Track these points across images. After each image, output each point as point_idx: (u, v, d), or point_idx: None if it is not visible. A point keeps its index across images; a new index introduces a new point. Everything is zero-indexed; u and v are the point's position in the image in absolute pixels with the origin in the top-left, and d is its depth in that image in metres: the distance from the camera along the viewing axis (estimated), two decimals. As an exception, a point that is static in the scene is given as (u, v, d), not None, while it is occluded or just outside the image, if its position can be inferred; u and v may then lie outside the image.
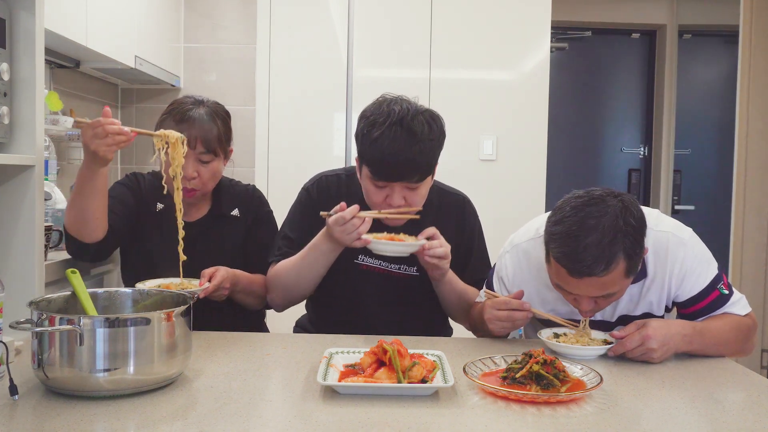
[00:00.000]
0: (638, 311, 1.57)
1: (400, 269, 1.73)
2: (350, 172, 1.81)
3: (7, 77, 1.60)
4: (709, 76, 4.65)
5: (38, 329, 1.08)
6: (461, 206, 1.81)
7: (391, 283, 1.73)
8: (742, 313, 1.52)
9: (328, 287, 1.72)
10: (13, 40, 1.63)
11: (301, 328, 1.90)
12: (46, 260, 1.82)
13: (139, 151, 3.87)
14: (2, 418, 1.01)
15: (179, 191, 1.62)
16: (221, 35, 3.82)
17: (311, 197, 1.77)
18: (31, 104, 1.64)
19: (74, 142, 3.10)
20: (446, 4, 3.31)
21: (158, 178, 1.83)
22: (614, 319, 1.59)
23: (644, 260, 1.50)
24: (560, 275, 1.40)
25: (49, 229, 1.97)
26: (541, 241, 1.50)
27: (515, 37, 3.34)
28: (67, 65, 3.01)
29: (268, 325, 2.01)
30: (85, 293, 1.27)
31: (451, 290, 1.69)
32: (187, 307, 1.19)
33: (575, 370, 1.24)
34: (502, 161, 3.34)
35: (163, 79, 3.54)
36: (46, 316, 1.09)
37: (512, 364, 1.23)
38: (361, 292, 1.73)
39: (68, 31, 2.53)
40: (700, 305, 1.52)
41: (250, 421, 1.02)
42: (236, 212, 1.84)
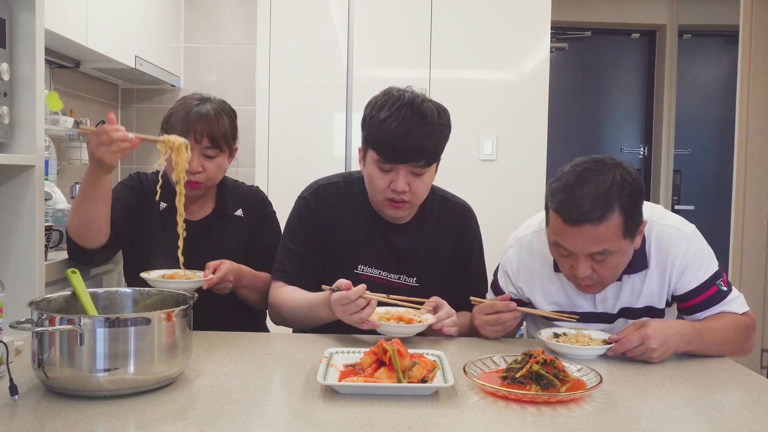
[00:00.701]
0: (639, 304, 1.57)
1: (399, 279, 1.72)
2: (348, 179, 1.78)
3: (7, 77, 1.60)
4: (709, 76, 4.65)
5: (38, 329, 1.08)
6: (462, 215, 1.79)
7: (390, 292, 1.71)
8: (739, 311, 1.53)
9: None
10: (13, 40, 1.63)
11: (301, 330, 1.90)
12: (46, 260, 1.82)
13: (139, 150, 3.87)
14: (2, 418, 1.01)
15: (182, 195, 1.62)
16: (221, 35, 3.82)
17: (309, 207, 1.74)
18: (31, 104, 1.64)
19: (74, 142, 3.10)
20: (446, 4, 3.31)
21: (162, 176, 1.83)
22: (615, 310, 1.59)
23: (645, 251, 1.52)
24: (558, 229, 1.41)
25: (49, 229, 1.97)
26: (543, 233, 1.54)
27: (515, 37, 3.34)
28: (67, 65, 3.01)
29: (268, 324, 2.02)
30: (85, 293, 1.27)
31: (463, 329, 1.68)
32: (187, 307, 1.19)
33: (575, 370, 1.24)
34: (502, 161, 3.34)
35: (163, 79, 3.54)
36: (46, 316, 1.09)
37: (512, 364, 1.23)
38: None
39: (68, 31, 2.53)
40: (698, 299, 1.53)
41: (250, 421, 1.02)
42: (240, 212, 1.85)
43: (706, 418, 1.09)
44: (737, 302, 1.54)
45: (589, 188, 1.36)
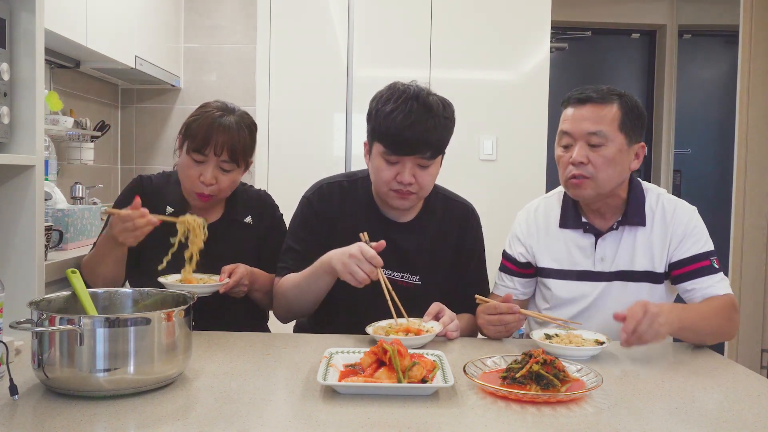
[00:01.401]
0: (638, 266, 1.65)
1: (402, 278, 1.73)
2: (352, 178, 1.80)
3: (7, 77, 1.60)
4: (709, 76, 4.65)
5: (38, 329, 1.08)
6: (465, 215, 1.80)
7: (393, 290, 1.72)
8: (721, 292, 1.60)
9: (331, 295, 1.71)
10: (13, 40, 1.63)
11: (301, 330, 1.91)
12: (46, 260, 1.82)
13: (140, 150, 3.88)
14: (2, 418, 1.01)
15: (193, 264, 1.67)
16: (221, 35, 3.82)
17: (312, 207, 1.75)
18: (31, 104, 1.64)
19: (74, 142, 3.11)
20: (446, 4, 3.31)
21: (167, 180, 1.83)
22: (612, 269, 1.66)
23: (644, 208, 1.66)
24: (565, 117, 1.64)
25: (49, 229, 1.97)
26: (549, 199, 1.78)
27: (515, 37, 3.34)
28: (67, 65, 3.01)
29: (269, 325, 2.01)
30: (85, 293, 1.27)
31: (463, 332, 1.68)
32: (187, 307, 1.19)
33: (575, 370, 1.24)
34: (502, 161, 3.34)
35: (163, 79, 3.54)
36: (46, 316, 1.09)
37: (512, 364, 1.23)
38: (363, 299, 1.72)
39: (68, 31, 2.53)
40: (689, 267, 1.62)
41: (250, 421, 1.02)
42: (249, 220, 1.85)
43: (706, 418, 1.09)
44: (723, 284, 1.62)
45: (596, 88, 1.65)
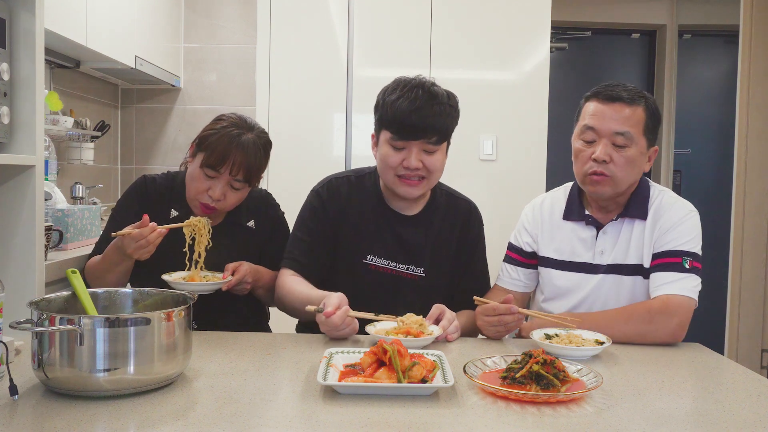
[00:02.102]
0: (630, 259, 1.66)
1: (407, 270, 1.76)
2: (360, 173, 1.84)
3: (7, 77, 1.60)
4: (709, 76, 4.64)
5: (38, 329, 1.08)
6: (467, 212, 1.84)
7: (398, 282, 1.75)
8: (671, 291, 1.55)
9: (336, 286, 1.72)
10: (13, 40, 1.63)
11: (304, 326, 1.91)
12: (46, 260, 1.82)
13: (140, 150, 3.88)
14: (2, 418, 1.01)
15: (198, 268, 1.68)
16: (221, 35, 3.82)
17: (321, 199, 1.78)
18: (31, 104, 1.64)
19: (74, 142, 3.11)
20: (446, 4, 3.31)
21: (172, 181, 1.83)
22: (605, 263, 1.67)
23: (648, 202, 1.68)
24: (592, 111, 1.66)
25: (49, 229, 1.97)
26: (555, 194, 1.83)
27: (515, 37, 3.33)
28: (67, 65, 3.01)
29: (270, 324, 2.01)
30: (85, 293, 1.27)
31: (464, 329, 1.69)
32: (187, 307, 1.19)
33: (574, 370, 1.24)
34: (502, 161, 3.34)
35: (163, 79, 3.54)
36: (46, 316, 1.09)
37: (512, 364, 1.23)
38: (368, 291, 1.73)
39: (68, 31, 2.53)
40: (658, 261, 1.61)
41: (250, 421, 1.02)
42: (252, 224, 1.85)
43: (706, 418, 1.09)
44: (680, 284, 1.56)
45: (624, 86, 1.67)
